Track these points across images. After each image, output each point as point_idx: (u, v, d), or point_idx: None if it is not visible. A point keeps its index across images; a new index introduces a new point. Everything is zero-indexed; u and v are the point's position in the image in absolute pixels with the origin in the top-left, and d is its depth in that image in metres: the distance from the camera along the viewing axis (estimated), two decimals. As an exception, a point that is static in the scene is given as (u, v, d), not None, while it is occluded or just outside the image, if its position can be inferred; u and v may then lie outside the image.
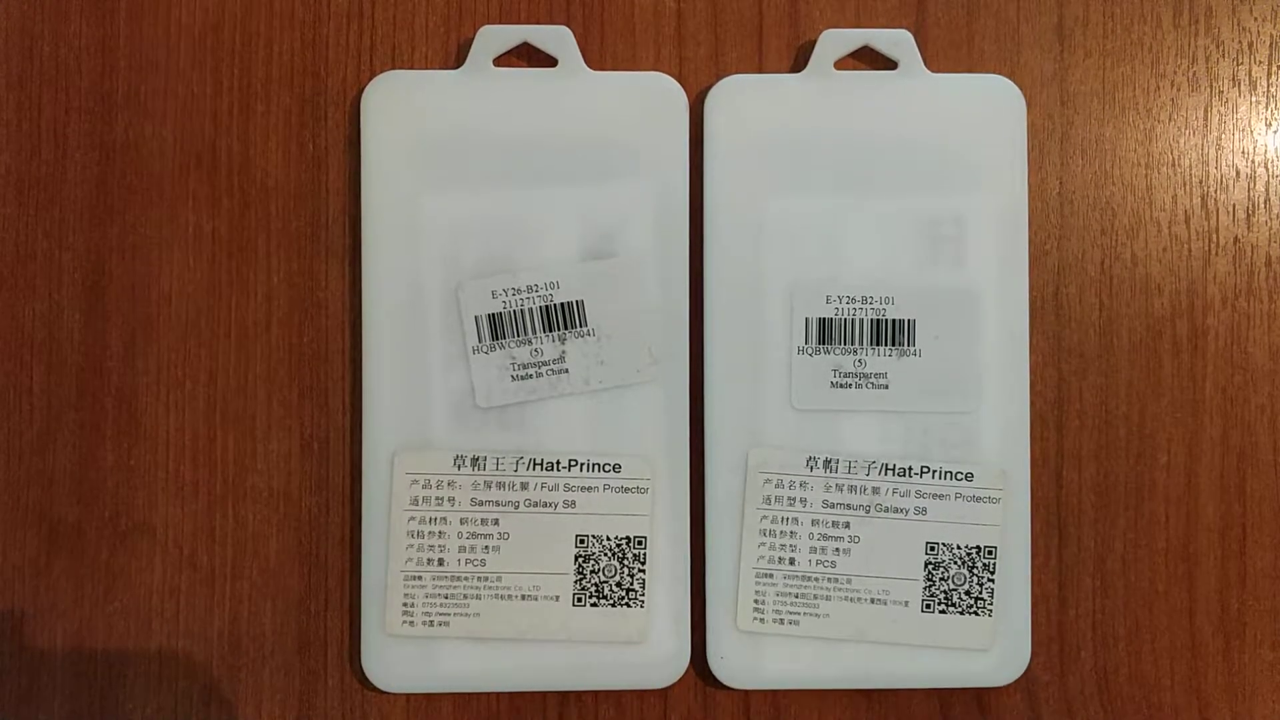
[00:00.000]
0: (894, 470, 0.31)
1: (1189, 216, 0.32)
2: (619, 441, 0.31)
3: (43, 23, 0.32)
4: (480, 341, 0.31)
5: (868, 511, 0.31)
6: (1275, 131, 0.33)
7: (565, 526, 0.31)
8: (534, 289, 0.31)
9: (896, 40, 0.31)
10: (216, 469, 0.32)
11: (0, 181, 0.32)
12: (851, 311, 0.31)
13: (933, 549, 0.31)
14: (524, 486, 0.31)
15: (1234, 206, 0.32)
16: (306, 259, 0.32)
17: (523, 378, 0.31)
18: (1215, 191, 0.32)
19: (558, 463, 0.31)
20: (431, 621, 0.30)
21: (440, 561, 0.30)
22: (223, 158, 0.32)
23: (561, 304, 0.31)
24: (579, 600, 0.31)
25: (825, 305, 0.31)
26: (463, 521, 0.31)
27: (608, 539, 0.31)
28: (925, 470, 0.31)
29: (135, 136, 0.32)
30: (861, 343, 0.31)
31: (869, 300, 0.31)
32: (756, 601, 0.31)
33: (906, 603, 0.31)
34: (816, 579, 0.31)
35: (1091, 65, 0.33)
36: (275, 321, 0.32)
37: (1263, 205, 0.32)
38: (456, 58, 0.32)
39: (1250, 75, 0.33)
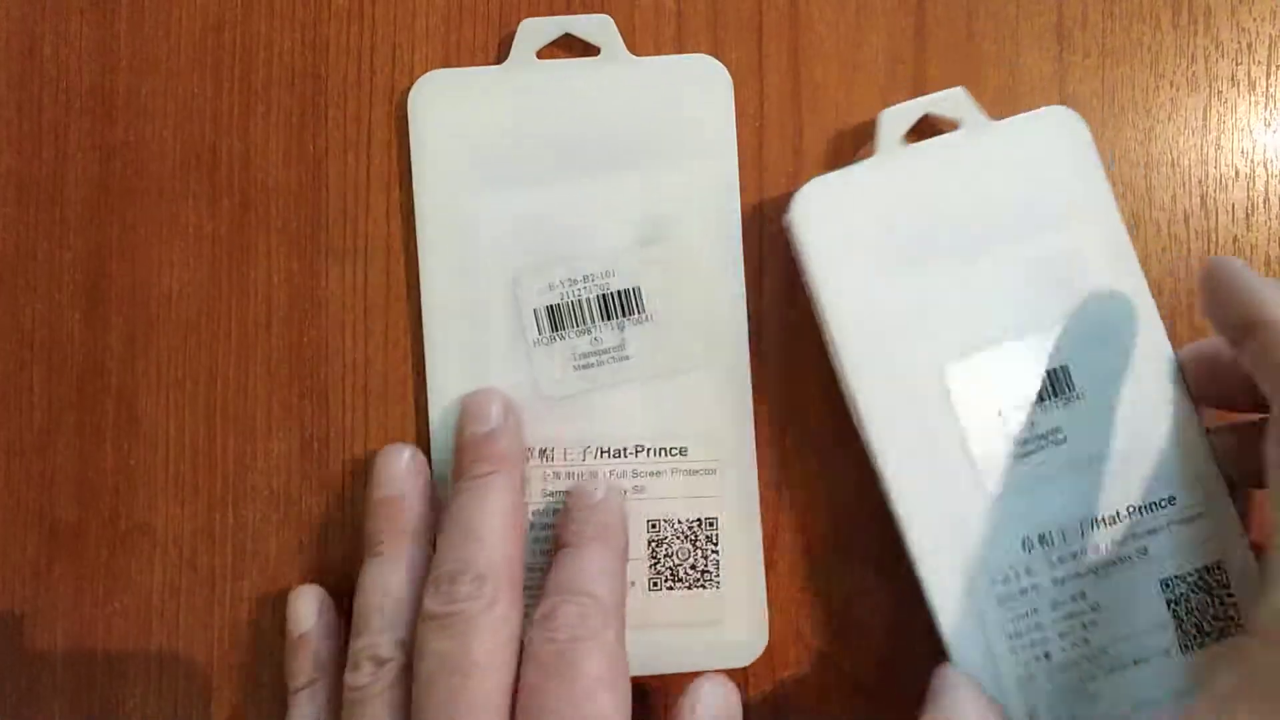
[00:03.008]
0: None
1: (1188, 216, 0.32)
2: (684, 425, 0.31)
3: (43, 23, 0.32)
4: (540, 334, 0.31)
5: None
6: (1274, 131, 0.33)
7: (636, 512, 0.30)
8: (590, 278, 0.31)
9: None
10: (216, 469, 0.32)
11: (0, 181, 0.32)
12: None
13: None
14: (593, 475, 0.31)
15: (1233, 206, 0.32)
16: (306, 259, 0.32)
17: (585, 367, 0.31)
18: (1214, 191, 0.32)
19: (625, 449, 0.31)
20: None
21: None
22: (223, 158, 0.32)
23: (618, 291, 0.31)
24: (655, 584, 0.30)
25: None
26: (534, 513, 0.31)
27: (679, 522, 0.31)
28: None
29: (135, 136, 0.32)
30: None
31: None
32: None
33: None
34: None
35: (1091, 65, 0.33)
36: (275, 321, 0.32)
37: (1262, 205, 0.32)
38: (457, 57, 0.32)
39: (1249, 75, 0.33)
